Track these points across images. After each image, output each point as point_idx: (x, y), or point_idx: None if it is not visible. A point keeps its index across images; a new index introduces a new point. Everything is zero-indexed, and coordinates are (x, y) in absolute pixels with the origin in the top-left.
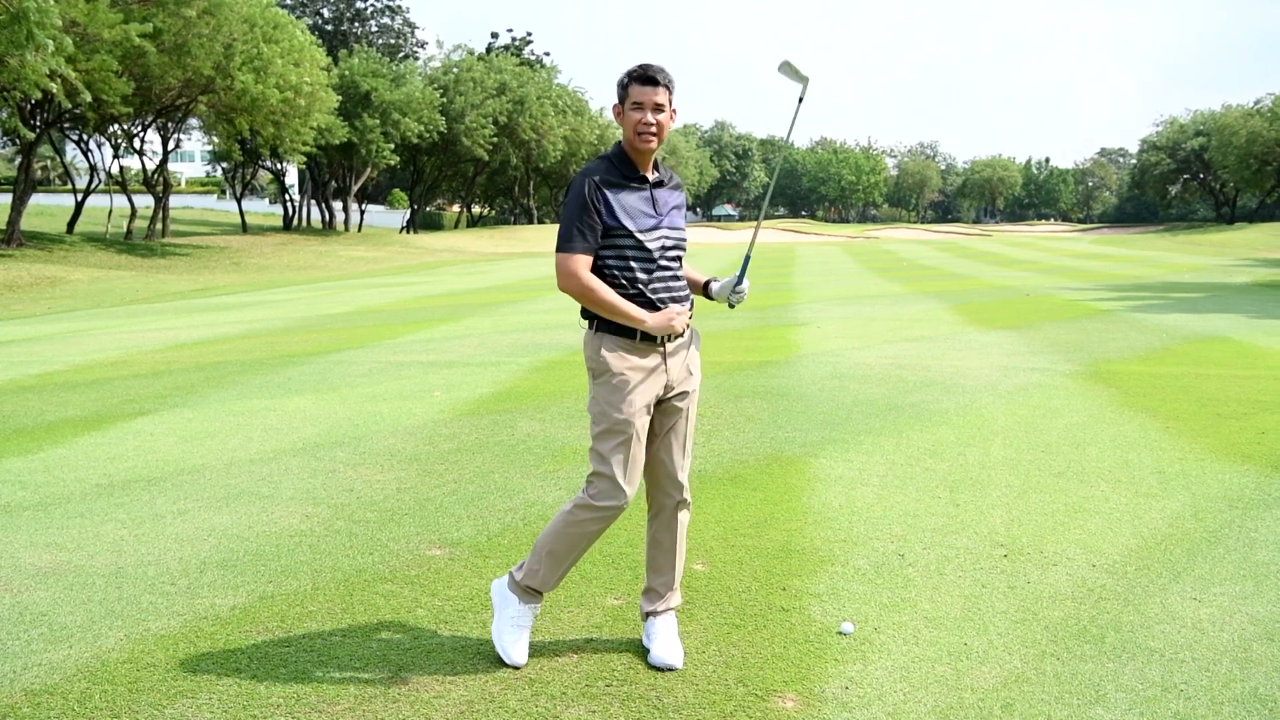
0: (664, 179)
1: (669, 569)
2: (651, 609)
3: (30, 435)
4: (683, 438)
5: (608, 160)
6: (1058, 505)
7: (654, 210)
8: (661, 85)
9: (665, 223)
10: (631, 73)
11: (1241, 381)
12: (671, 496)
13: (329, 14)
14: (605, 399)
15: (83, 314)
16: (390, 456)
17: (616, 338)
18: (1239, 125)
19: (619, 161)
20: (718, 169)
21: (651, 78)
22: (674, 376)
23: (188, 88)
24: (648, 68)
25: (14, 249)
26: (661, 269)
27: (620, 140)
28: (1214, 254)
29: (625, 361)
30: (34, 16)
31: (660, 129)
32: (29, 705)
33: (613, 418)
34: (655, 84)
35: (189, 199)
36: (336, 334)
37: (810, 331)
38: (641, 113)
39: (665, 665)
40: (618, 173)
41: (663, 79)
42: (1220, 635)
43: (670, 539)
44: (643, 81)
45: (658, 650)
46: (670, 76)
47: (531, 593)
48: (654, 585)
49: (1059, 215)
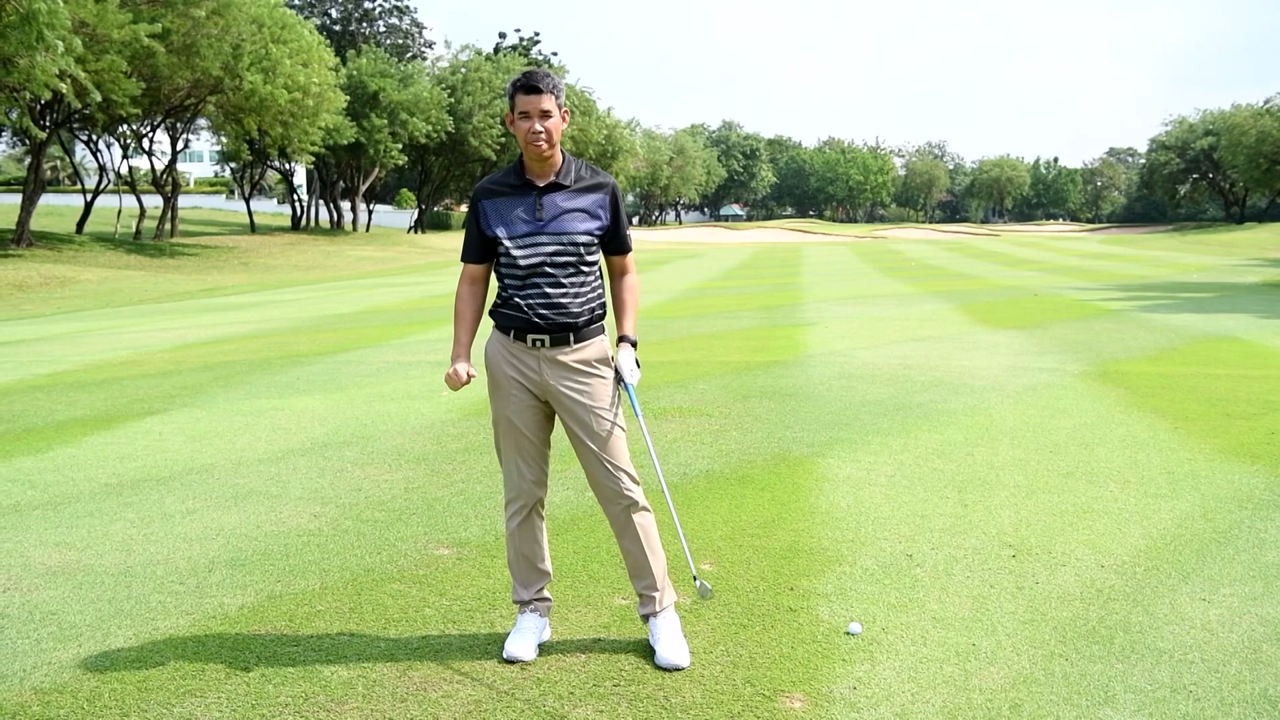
0: (565, 182)
1: (647, 571)
2: (647, 611)
3: (40, 435)
4: (589, 445)
5: (508, 169)
6: (1066, 506)
7: (533, 216)
8: (546, 92)
9: (549, 228)
10: (516, 82)
11: (1251, 382)
12: (613, 503)
13: (337, 14)
14: (490, 391)
15: (92, 314)
16: (398, 456)
17: (497, 332)
18: (1248, 125)
19: (513, 170)
20: (725, 169)
21: (534, 85)
22: (554, 383)
23: (196, 88)
24: (530, 75)
25: (24, 249)
26: (536, 280)
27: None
28: (1223, 254)
29: (502, 356)
30: (44, 17)
31: (550, 135)
32: (39, 703)
33: (494, 412)
34: (539, 91)
35: (197, 199)
36: (344, 334)
37: (818, 331)
38: (529, 121)
39: (671, 665)
40: (508, 181)
41: (546, 85)
42: (1230, 636)
43: (632, 543)
44: (527, 90)
45: (663, 650)
46: (555, 81)
47: (518, 604)
48: (640, 590)
49: (1067, 215)
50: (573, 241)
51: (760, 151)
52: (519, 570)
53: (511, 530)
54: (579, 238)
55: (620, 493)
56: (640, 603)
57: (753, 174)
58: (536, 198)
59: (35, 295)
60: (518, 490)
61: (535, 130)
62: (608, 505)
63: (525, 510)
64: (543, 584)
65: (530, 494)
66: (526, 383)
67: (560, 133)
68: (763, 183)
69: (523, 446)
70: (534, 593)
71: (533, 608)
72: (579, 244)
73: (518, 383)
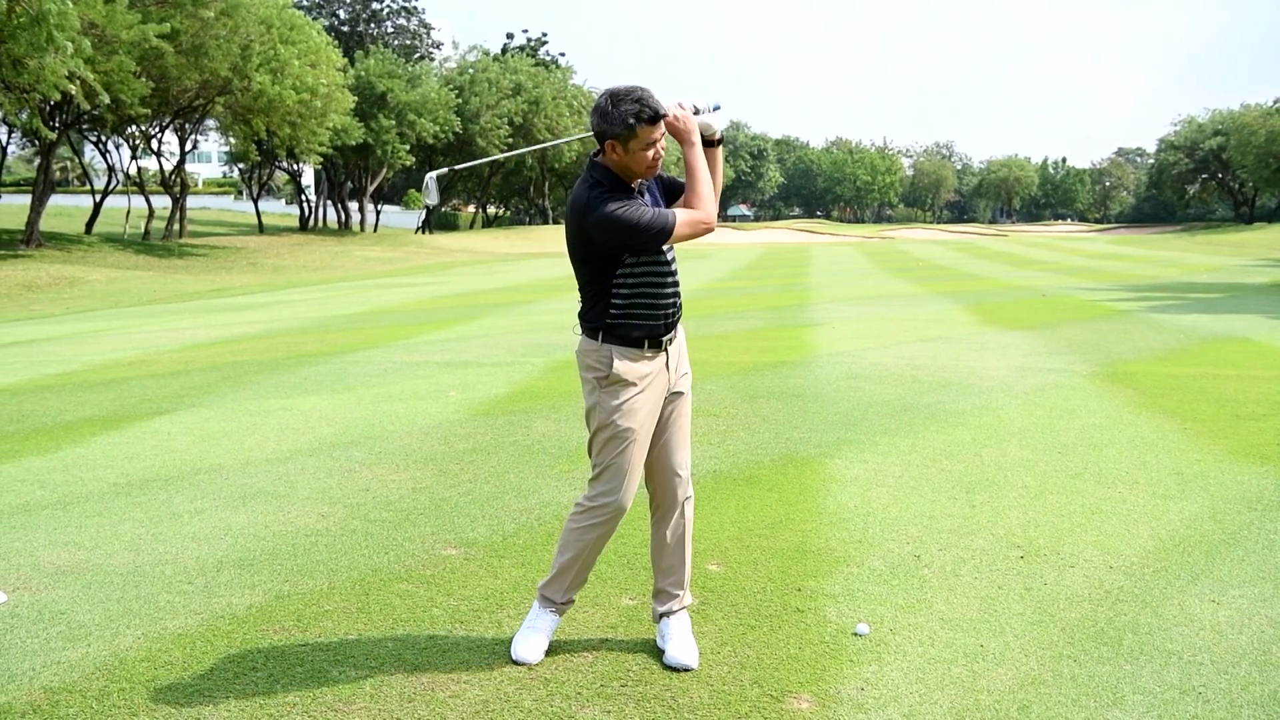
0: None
1: (679, 568)
2: (665, 609)
3: (49, 434)
4: (684, 433)
5: (597, 182)
6: (1075, 506)
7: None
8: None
9: None
10: (639, 115)
11: (1261, 383)
12: (678, 494)
13: (345, 15)
14: (612, 406)
15: (100, 314)
16: (406, 456)
17: (626, 348)
18: (1258, 125)
19: (610, 182)
20: (732, 169)
21: (657, 116)
22: (673, 375)
23: (205, 89)
24: (652, 104)
25: (33, 249)
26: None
27: (599, 162)
28: (1232, 254)
29: (634, 370)
30: (53, 19)
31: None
32: (48, 703)
33: (619, 425)
34: (659, 119)
35: (206, 200)
36: (352, 334)
37: (825, 332)
38: (654, 149)
39: (682, 666)
40: (620, 189)
41: (662, 111)
42: (1239, 638)
43: (677, 537)
44: (653, 122)
45: (673, 651)
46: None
47: (546, 600)
48: (664, 587)
49: (1076, 215)
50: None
51: (768, 152)
52: (579, 574)
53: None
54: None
55: (688, 482)
56: (658, 600)
57: (760, 174)
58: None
59: (44, 295)
60: (621, 498)
61: (659, 156)
62: (669, 495)
63: (618, 519)
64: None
65: (629, 502)
66: (660, 388)
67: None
68: (770, 183)
69: (640, 460)
70: (571, 595)
71: (559, 609)
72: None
73: (654, 393)
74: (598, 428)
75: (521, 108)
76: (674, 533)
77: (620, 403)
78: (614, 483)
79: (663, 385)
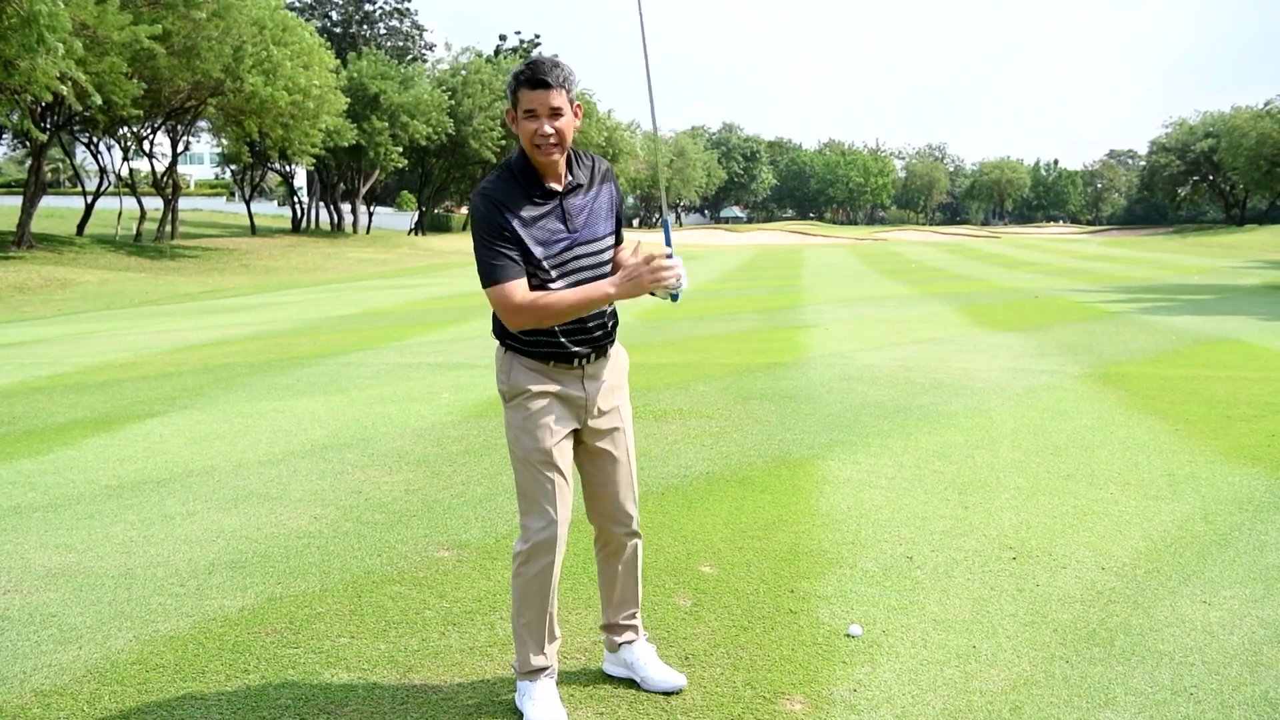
0: (580, 181)
1: (633, 599)
2: (629, 640)
3: (40, 436)
4: (621, 465)
5: (509, 172)
6: (1067, 508)
7: (566, 226)
8: (555, 86)
9: (583, 235)
10: (519, 74)
11: (1252, 384)
12: (620, 527)
13: (338, 16)
14: (518, 424)
15: (92, 316)
16: (398, 458)
17: (530, 359)
18: (1249, 127)
19: (522, 174)
20: (725, 171)
21: (541, 79)
22: (596, 400)
23: (197, 90)
24: (536, 67)
25: (24, 251)
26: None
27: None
28: (1224, 256)
29: (540, 384)
30: (45, 20)
31: (562, 137)
32: (39, 706)
33: (525, 446)
34: (547, 86)
35: (198, 201)
36: (345, 336)
37: (818, 333)
38: (536, 121)
39: (675, 687)
40: (520, 190)
41: (555, 78)
42: (1230, 639)
43: (628, 571)
44: (532, 84)
45: (659, 675)
46: (565, 73)
47: (530, 673)
48: (620, 620)
49: (1068, 217)
50: (604, 247)
51: (760, 153)
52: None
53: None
54: (609, 239)
55: (634, 518)
56: (616, 632)
57: (753, 176)
58: (562, 204)
59: (36, 297)
60: (550, 532)
61: (544, 133)
62: (615, 530)
63: (555, 554)
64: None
65: (563, 534)
66: (569, 407)
67: (573, 133)
68: (763, 185)
69: (561, 482)
70: (549, 656)
71: (548, 674)
72: (609, 245)
73: (559, 408)
74: (510, 453)
75: None
76: (625, 567)
77: (524, 419)
78: (534, 514)
79: (578, 407)
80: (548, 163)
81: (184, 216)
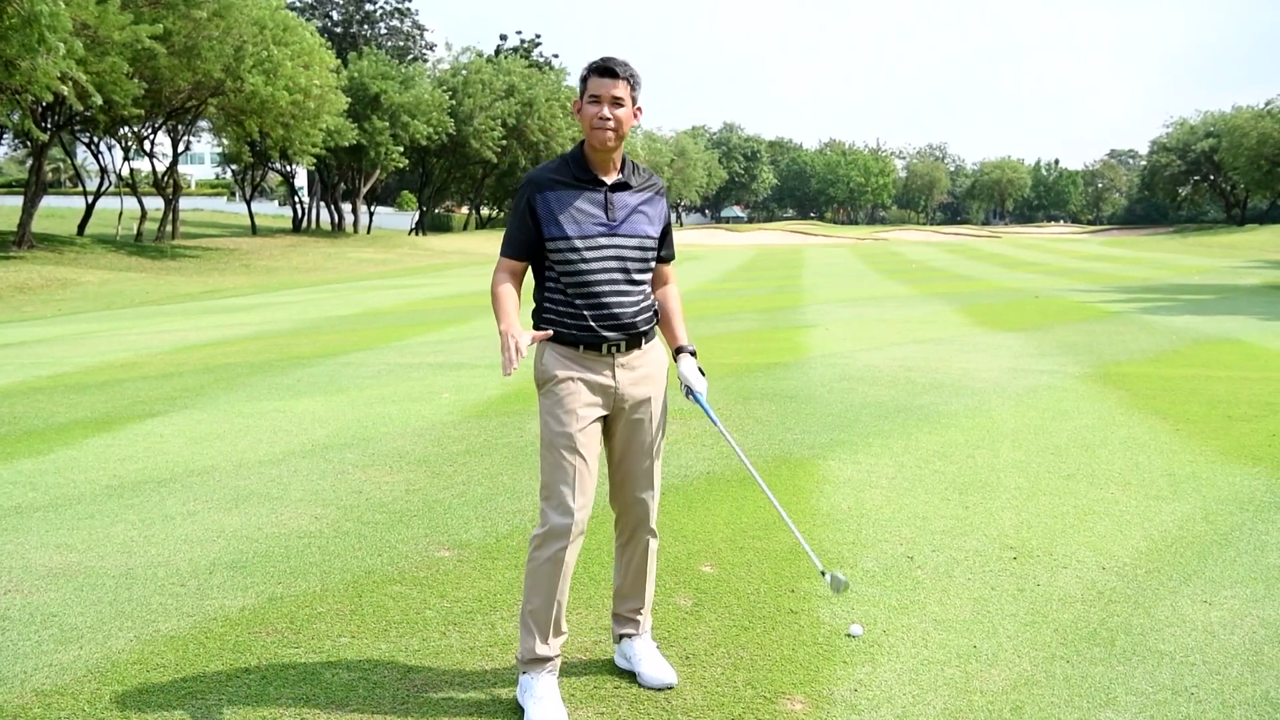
0: (630, 181)
1: (642, 594)
2: (631, 632)
3: (41, 436)
4: (643, 457)
5: (563, 160)
6: (1067, 508)
7: (606, 215)
8: (622, 79)
9: (622, 229)
10: (592, 65)
11: (1252, 384)
12: (641, 523)
13: (338, 16)
14: (548, 410)
15: (93, 316)
16: (399, 458)
17: (561, 345)
18: (1249, 126)
19: (574, 162)
20: (726, 171)
21: (610, 69)
22: (627, 389)
23: (198, 90)
24: (608, 59)
25: (25, 251)
26: (603, 285)
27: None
28: (1224, 256)
29: (568, 371)
30: (46, 20)
31: (619, 125)
32: (39, 706)
33: (551, 430)
34: (615, 76)
35: (199, 201)
36: (345, 336)
37: (819, 333)
38: (599, 106)
39: (665, 684)
40: (569, 174)
41: (623, 72)
42: (1231, 638)
43: (640, 565)
44: (601, 73)
45: (653, 671)
46: (633, 71)
47: (529, 665)
48: (626, 612)
49: (1068, 217)
50: (646, 245)
51: (761, 153)
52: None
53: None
54: (649, 240)
55: (650, 512)
56: (618, 622)
57: (754, 176)
58: (607, 194)
59: (36, 297)
60: (566, 519)
61: (603, 117)
62: (634, 525)
63: (569, 541)
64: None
65: (580, 522)
66: (598, 393)
67: (629, 127)
68: (764, 184)
69: (582, 468)
70: (553, 647)
71: (551, 668)
72: (649, 247)
73: (587, 394)
74: (540, 439)
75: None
76: (638, 560)
77: (553, 404)
78: (552, 499)
79: (606, 395)
80: (602, 150)
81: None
